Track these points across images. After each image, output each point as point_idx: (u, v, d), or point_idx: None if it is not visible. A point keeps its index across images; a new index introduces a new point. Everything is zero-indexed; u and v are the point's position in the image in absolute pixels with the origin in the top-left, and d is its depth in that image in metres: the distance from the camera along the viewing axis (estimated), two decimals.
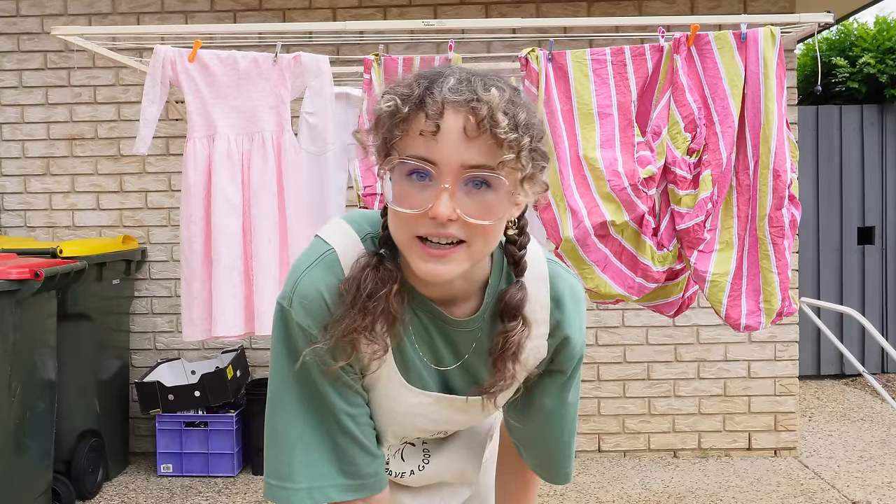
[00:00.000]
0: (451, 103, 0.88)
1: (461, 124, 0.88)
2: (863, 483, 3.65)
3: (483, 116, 0.87)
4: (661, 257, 2.49)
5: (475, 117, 0.88)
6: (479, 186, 0.91)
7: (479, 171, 0.89)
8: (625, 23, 2.77)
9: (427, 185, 0.90)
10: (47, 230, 4.12)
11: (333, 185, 2.88)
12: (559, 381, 1.14)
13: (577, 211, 2.45)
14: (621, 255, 2.51)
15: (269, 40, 3.20)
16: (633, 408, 4.08)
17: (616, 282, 2.50)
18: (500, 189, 0.91)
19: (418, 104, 0.89)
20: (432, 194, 0.90)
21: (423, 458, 1.22)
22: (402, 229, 0.93)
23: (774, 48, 2.45)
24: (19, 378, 2.96)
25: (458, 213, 0.90)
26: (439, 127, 0.88)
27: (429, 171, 0.90)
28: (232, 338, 2.64)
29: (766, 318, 2.51)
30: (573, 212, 2.46)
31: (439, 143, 0.89)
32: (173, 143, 4.06)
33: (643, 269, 2.49)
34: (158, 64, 2.60)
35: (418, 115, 0.89)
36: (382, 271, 0.98)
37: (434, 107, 0.88)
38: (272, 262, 2.63)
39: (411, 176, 0.91)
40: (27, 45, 4.08)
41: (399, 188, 0.91)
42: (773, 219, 2.46)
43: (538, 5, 4.00)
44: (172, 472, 3.82)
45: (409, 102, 0.90)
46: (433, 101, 0.88)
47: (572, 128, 2.52)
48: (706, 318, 4.02)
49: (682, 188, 2.46)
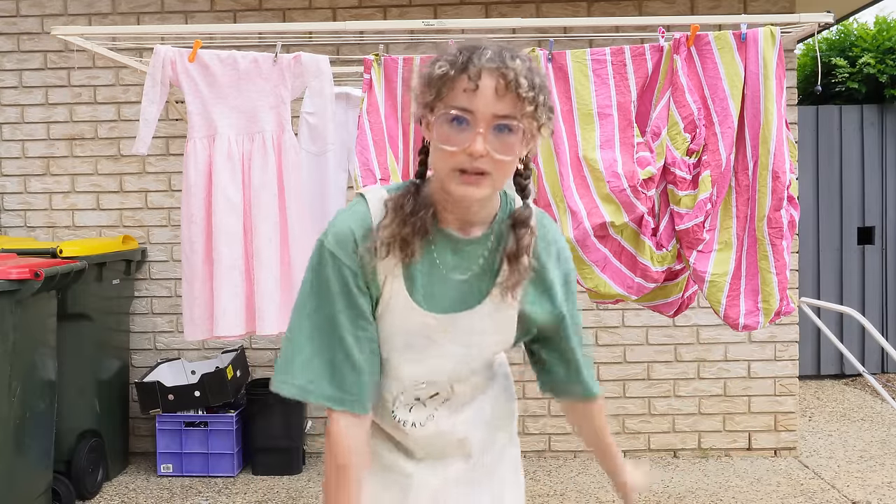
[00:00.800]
0: (486, 69, 1.16)
1: (493, 84, 1.16)
2: (863, 483, 3.66)
3: (510, 79, 1.15)
4: (661, 257, 2.49)
5: (504, 80, 1.16)
6: (503, 131, 1.18)
7: (506, 119, 1.17)
8: (625, 23, 2.77)
9: (465, 129, 1.17)
10: (47, 230, 4.12)
11: (333, 185, 2.88)
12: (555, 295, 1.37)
13: (576, 212, 2.46)
14: (620, 255, 2.51)
15: (269, 40, 3.20)
16: (633, 408, 4.08)
17: (615, 281, 2.50)
18: (518, 133, 1.19)
19: (463, 68, 1.17)
20: (470, 136, 1.17)
21: (428, 417, 1.39)
22: (444, 162, 1.21)
23: (774, 48, 2.45)
24: (19, 378, 2.96)
25: (489, 150, 1.17)
26: (478, 86, 1.16)
27: (467, 118, 1.17)
28: (233, 337, 2.64)
29: (765, 317, 2.51)
30: (573, 213, 2.46)
31: (477, 97, 1.16)
32: (173, 143, 4.06)
33: (642, 268, 2.50)
34: (158, 64, 2.60)
35: (462, 76, 1.17)
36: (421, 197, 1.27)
37: (474, 71, 1.16)
38: (273, 262, 2.63)
39: (453, 122, 1.18)
40: (27, 45, 4.08)
41: (443, 131, 1.19)
42: (771, 220, 2.46)
43: (538, 5, 4.00)
44: (172, 472, 3.82)
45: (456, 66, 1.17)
46: (474, 66, 1.16)
47: (572, 128, 2.52)
48: (706, 318, 4.02)
49: (681, 189, 2.47)
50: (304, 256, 2.67)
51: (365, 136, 2.70)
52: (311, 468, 3.95)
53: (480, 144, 1.17)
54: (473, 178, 1.20)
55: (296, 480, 3.78)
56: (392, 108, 2.79)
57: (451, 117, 1.18)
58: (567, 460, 4.04)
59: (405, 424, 1.38)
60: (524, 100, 1.17)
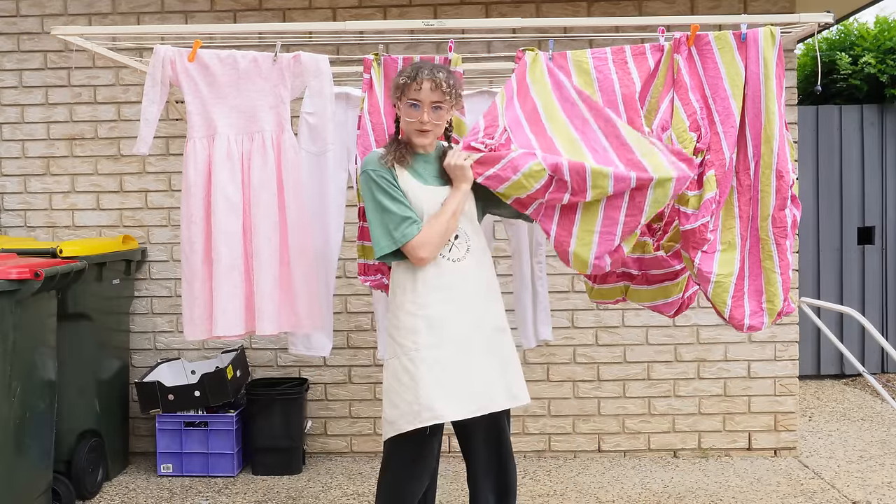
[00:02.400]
0: (425, 78, 2.29)
1: (430, 85, 2.29)
2: (863, 483, 3.66)
3: (439, 82, 2.29)
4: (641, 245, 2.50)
5: (435, 82, 2.29)
6: (438, 109, 2.33)
7: (437, 103, 2.32)
8: (625, 23, 2.77)
9: (416, 110, 2.32)
10: (47, 230, 4.12)
11: (333, 184, 2.87)
12: None
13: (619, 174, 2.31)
14: None
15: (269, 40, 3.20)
16: (633, 408, 4.08)
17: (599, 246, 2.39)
18: (445, 109, 2.34)
19: (413, 78, 2.30)
20: (419, 113, 2.31)
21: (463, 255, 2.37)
22: (408, 126, 2.35)
23: (774, 48, 2.45)
24: (19, 378, 2.96)
25: (429, 119, 2.33)
26: (422, 87, 2.29)
27: (418, 103, 2.31)
28: (233, 337, 2.64)
29: (769, 317, 2.51)
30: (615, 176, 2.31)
31: (421, 93, 2.30)
32: (173, 143, 4.06)
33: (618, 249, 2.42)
34: (158, 64, 2.60)
35: (413, 83, 2.30)
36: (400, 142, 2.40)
37: (419, 79, 2.29)
38: (272, 262, 2.63)
39: (411, 107, 2.32)
40: (27, 45, 4.08)
41: (406, 111, 2.33)
42: (776, 219, 2.46)
43: (538, 5, 4.00)
44: (172, 472, 3.82)
45: (410, 77, 2.31)
46: (419, 77, 2.29)
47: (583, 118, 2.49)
48: (706, 318, 4.02)
49: (689, 189, 2.45)
50: (303, 256, 2.68)
51: (367, 135, 2.70)
52: (311, 468, 3.95)
53: (426, 117, 2.31)
54: (423, 133, 2.34)
55: (296, 480, 3.78)
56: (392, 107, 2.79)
57: (410, 104, 2.32)
58: (567, 460, 4.04)
59: (449, 259, 2.34)
60: (445, 93, 2.30)
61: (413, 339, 2.28)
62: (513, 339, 2.47)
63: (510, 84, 2.51)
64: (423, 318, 2.29)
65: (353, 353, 4.09)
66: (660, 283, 2.70)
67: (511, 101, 2.48)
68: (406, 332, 2.30)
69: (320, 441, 4.12)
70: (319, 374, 4.09)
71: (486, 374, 2.32)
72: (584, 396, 4.08)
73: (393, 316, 2.37)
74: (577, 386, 4.08)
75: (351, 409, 4.11)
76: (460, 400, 2.26)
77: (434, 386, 2.24)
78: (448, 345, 2.28)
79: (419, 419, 2.23)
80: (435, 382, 2.24)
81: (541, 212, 2.40)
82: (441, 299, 2.30)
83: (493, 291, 2.43)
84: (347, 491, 3.63)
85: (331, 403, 4.11)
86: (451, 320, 2.30)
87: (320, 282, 2.80)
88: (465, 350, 2.30)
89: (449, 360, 2.27)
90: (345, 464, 4.02)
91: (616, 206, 2.34)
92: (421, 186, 2.34)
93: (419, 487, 2.38)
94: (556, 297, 3.99)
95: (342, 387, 4.10)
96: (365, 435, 4.11)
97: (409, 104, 2.29)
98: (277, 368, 4.11)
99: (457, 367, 2.27)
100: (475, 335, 2.33)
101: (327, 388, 4.10)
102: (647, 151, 2.33)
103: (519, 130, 2.42)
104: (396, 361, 2.31)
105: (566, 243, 2.38)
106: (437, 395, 2.23)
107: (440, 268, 2.32)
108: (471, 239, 2.37)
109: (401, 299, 2.34)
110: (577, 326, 4.06)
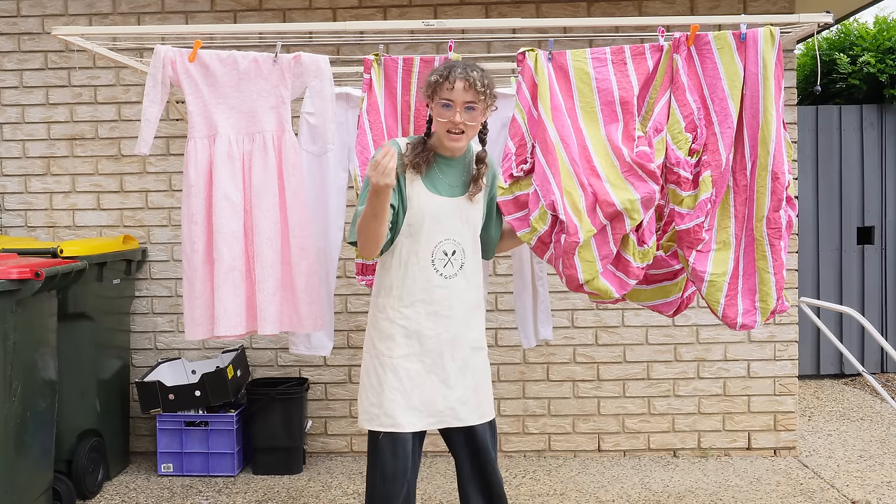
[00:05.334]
0: (458, 77, 2.21)
1: (462, 85, 2.21)
2: (862, 482, 3.66)
3: (472, 81, 2.21)
4: (642, 254, 2.49)
5: (468, 82, 2.21)
6: (471, 109, 2.24)
7: (470, 103, 2.23)
8: (625, 23, 2.77)
9: (450, 109, 2.23)
10: (48, 230, 4.12)
11: (334, 185, 2.88)
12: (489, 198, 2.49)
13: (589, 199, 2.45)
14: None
15: (269, 40, 3.20)
16: (633, 407, 4.08)
17: (605, 276, 2.49)
18: (479, 110, 2.26)
19: (446, 77, 2.23)
20: (452, 113, 2.23)
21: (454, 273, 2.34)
22: (440, 128, 2.27)
23: (774, 49, 2.45)
24: (20, 378, 2.97)
25: (463, 121, 2.24)
26: (454, 86, 2.21)
27: (451, 104, 2.23)
28: (233, 337, 2.64)
29: (762, 316, 2.52)
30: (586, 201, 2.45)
31: (454, 92, 2.21)
32: (174, 143, 4.07)
33: (625, 264, 2.49)
34: (159, 64, 2.61)
35: (445, 82, 2.22)
36: (427, 145, 2.33)
37: (452, 78, 2.22)
38: (273, 262, 2.64)
39: (444, 107, 2.24)
40: (28, 45, 4.08)
41: (439, 111, 2.25)
42: (770, 220, 2.47)
43: (538, 5, 4.01)
44: (173, 471, 3.82)
45: (442, 76, 2.23)
46: (452, 76, 2.22)
47: (577, 124, 2.52)
48: (706, 317, 4.03)
49: (684, 189, 2.46)
50: (304, 256, 2.68)
51: (365, 135, 2.70)
52: (311, 468, 3.96)
53: (458, 117, 2.23)
54: (456, 136, 2.27)
55: (296, 480, 3.79)
56: (392, 108, 2.79)
57: (442, 104, 2.24)
58: (567, 460, 4.05)
59: (441, 274, 2.31)
60: (479, 92, 2.22)
61: (388, 345, 2.32)
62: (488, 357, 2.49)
63: (523, 93, 2.51)
64: (402, 328, 2.31)
65: (353, 353, 4.09)
66: (659, 282, 2.71)
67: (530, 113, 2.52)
68: (382, 336, 2.33)
69: (320, 441, 4.12)
70: (319, 373, 4.10)
71: (456, 392, 2.34)
72: (583, 396, 4.08)
73: (373, 315, 2.39)
74: (577, 385, 4.08)
75: (351, 408, 4.11)
76: (420, 413, 2.30)
77: (400, 395, 2.29)
78: (421, 357, 2.31)
79: (378, 423, 2.30)
80: (401, 392, 2.29)
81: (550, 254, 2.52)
82: (423, 312, 2.31)
83: (477, 310, 2.42)
84: (347, 490, 3.63)
85: (331, 403, 4.11)
86: (428, 335, 2.31)
87: (321, 282, 2.81)
88: (438, 365, 2.32)
89: (418, 374, 2.30)
90: (345, 463, 4.02)
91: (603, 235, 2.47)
92: (428, 195, 2.29)
93: (390, 490, 2.31)
94: (557, 296, 3.99)
95: (342, 386, 4.11)
96: (365, 434, 4.11)
97: (442, 104, 2.22)
98: (278, 368, 4.12)
99: (425, 381, 2.31)
100: (451, 352, 2.34)
101: (327, 387, 4.11)
102: (615, 181, 2.45)
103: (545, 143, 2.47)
104: (369, 359, 2.36)
105: (575, 278, 2.46)
106: (400, 405, 2.28)
107: (430, 281, 2.30)
108: (466, 256, 2.35)
109: (383, 301, 2.35)
110: (577, 326, 4.07)
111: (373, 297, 2.42)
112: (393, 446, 2.31)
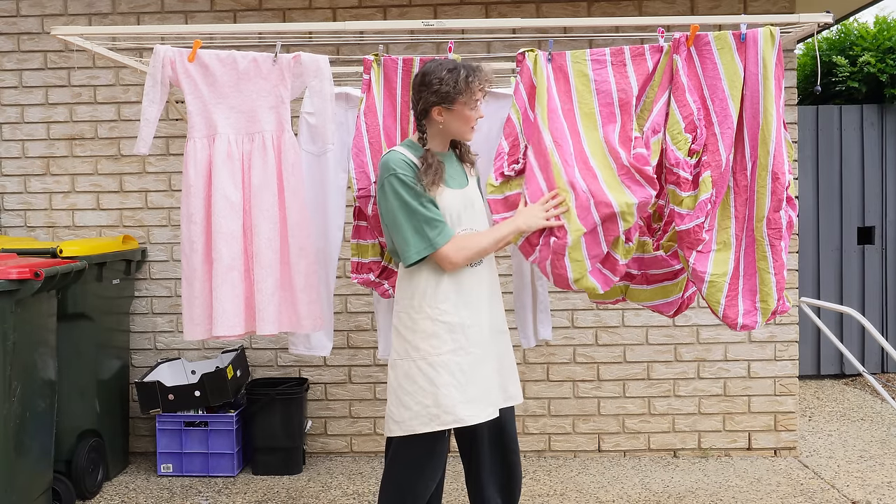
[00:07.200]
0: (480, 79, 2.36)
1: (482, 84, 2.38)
2: (862, 483, 3.66)
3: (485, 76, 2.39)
4: (626, 250, 2.49)
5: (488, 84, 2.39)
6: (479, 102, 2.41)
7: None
8: (625, 23, 2.77)
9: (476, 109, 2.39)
10: (47, 230, 4.12)
11: (333, 185, 2.88)
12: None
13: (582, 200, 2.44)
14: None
15: (268, 40, 3.20)
16: (633, 408, 4.08)
17: (592, 273, 2.48)
18: None
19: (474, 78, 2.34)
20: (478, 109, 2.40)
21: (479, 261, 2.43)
22: (467, 124, 2.39)
23: (774, 49, 2.45)
24: (19, 378, 2.96)
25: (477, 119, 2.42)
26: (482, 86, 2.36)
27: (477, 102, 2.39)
28: (233, 337, 2.64)
29: (762, 317, 2.51)
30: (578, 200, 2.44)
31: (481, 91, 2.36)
32: (173, 143, 4.06)
33: (612, 262, 2.48)
34: (158, 64, 2.60)
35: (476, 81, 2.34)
36: (437, 160, 2.35)
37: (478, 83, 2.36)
38: (273, 262, 2.63)
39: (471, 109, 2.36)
40: (27, 45, 4.08)
41: (468, 114, 2.37)
42: (771, 221, 2.46)
43: (538, 5, 4.00)
44: (172, 471, 3.82)
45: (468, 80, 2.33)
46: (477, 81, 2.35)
47: (574, 126, 2.52)
48: (706, 318, 4.02)
49: (683, 190, 2.46)
50: (303, 256, 2.68)
51: (361, 138, 2.70)
52: (311, 468, 3.95)
53: (481, 111, 2.40)
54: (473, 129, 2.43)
55: (296, 480, 3.78)
56: (391, 108, 2.79)
57: (475, 103, 2.37)
58: (567, 460, 4.04)
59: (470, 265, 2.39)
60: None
61: (433, 343, 2.33)
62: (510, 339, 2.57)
63: (520, 93, 2.52)
64: (444, 324, 2.34)
65: (353, 353, 4.09)
66: (659, 282, 2.70)
67: (526, 114, 2.53)
68: (425, 336, 2.34)
69: (320, 441, 4.12)
70: (319, 373, 4.10)
71: (503, 374, 2.48)
72: (584, 396, 4.08)
73: (408, 318, 2.38)
74: (577, 386, 4.08)
75: (351, 408, 4.11)
76: (479, 404, 2.35)
77: (456, 391, 2.31)
78: (468, 349, 2.36)
79: (438, 422, 2.30)
80: (457, 387, 2.31)
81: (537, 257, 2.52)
82: (459, 304, 2.37)
83: (498, 294, 2.53)
84: (347, 491, 3.63)
85: (331, 403, 4.11)
86: (470, 326, 2.37)
87: (320, 282, 2.81)
88: (485, 353, 2.40)
89: (470, 366, 2.35)
90: (345, 463, 4.02)
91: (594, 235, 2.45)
92: (449, 192, 2.38)
93: (427, 488, 2.41)
94: (556, 296, 3.99)
95: (342, 386, 4.10)
96: (365, 435, 4.11)
97: (475, 103, 2.36)
98: (277, 368, 4.12)
99: (476, 372, 2.36)
100: (490, 337, 2.43)
101: (327, 387, 4.11)
102: (611, 183, 2.43)
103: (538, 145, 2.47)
104: (410, 363, 2.34)
105: (564, 277, 2.46)
106: (458, 400, 2.31)
107: (461, 274, 2.38)
108: None
109: (419, 303, 2.36)
110: (577, 326, 4.06)
111: (404, 300, 2.42)
112: (441, 445, 2.39)
